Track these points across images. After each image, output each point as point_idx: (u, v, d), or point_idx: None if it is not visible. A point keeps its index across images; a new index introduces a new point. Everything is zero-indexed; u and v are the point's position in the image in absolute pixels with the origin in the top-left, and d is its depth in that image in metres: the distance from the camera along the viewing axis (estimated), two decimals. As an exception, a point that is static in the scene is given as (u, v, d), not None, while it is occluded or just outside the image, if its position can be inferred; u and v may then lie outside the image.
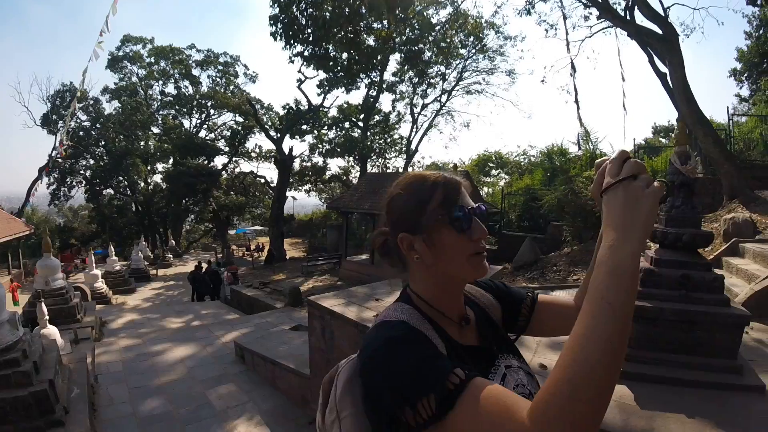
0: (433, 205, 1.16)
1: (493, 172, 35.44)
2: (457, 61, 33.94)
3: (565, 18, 18.36)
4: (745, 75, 29.28)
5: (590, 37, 18.71)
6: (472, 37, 31.25)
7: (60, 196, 40.26)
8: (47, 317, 8.52)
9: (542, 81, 21.41)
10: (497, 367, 1.19)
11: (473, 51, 33.07)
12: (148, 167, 43.62)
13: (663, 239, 4.55)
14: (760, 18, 25.03)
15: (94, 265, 18.38)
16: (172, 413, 7.22)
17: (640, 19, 14.23)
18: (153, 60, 43.78)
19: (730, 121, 15.95)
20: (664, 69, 13.69)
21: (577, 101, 18.63)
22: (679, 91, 12.72)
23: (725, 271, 7.77)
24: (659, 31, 13.31)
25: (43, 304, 8.62)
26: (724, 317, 3.99)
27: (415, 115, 36.45)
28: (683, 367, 4.01)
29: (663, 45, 13.19)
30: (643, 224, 0.88)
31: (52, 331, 8.42)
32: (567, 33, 18.42)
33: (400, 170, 34.07)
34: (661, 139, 33.68)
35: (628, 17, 14.72)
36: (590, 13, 17.56)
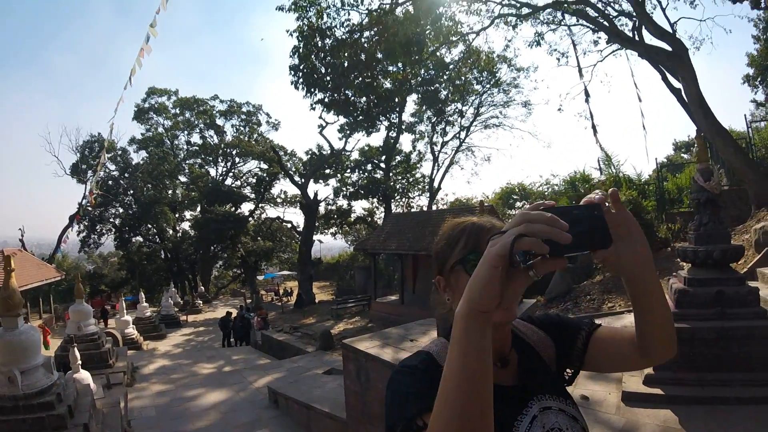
0: (458, 249, 1.22)
1: (518, 204, 35.15)
2: (473, 97, 34.23)
3: (575, 45, 18.52)
4: (759, 79, 28.71)
5: (601, 61, 18.86)
6: (485, 73, 31.52)
7: (90, 243, 41.26)
8: (80, 362, 8.58)
9: (559, 109, 21.57)
10: (529, 408, 1.17)
11: (488, 86, 33.41)
12: (176, 215, 44.53)
13: (694, 258, 4.47)
14: (765, 20, 24.72)
15: (125, 311, 18.62)
16: (206, 458, 7.13)
17: (649, 38, 14.30)
18: (178, 111, 45.25)
19: (749, 129, 15.68)
20: (677, 84, 13.67)
21: (594, 126, 18.60)
22: (695, 105, 12.62)
23: (760, 282, 7.49)
24: (669, 48, 13.31)
25: (75, 349, 8.70)
26: (762, 330, 3.87)
27: (436, 153, 36.58)
28: (725, 384, 3.89)
29: (674, 61, 13.18)
30: (470, 285, 0.88)
31: (84, 375, 8.46)
32: (578, 60, 18.54)
33: (425, 209, 34.12)
34: (682, 154, 33.10)
35: (636, 38, 14.79)
36: (599, 38, 17.70)
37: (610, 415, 4.17)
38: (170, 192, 44.88)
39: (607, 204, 0.93)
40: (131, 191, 41.95)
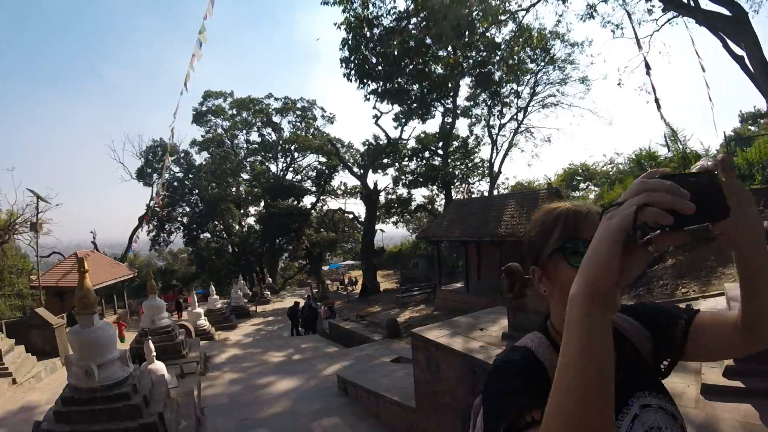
0: (555, 237, 1.16)
1: (582, 185, 34.12)
2: (528, 76, 33.18)
3: (629, 15, 17.58)
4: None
5: (657, 30, 17.75)
6: (539, 50, 30.39)
7: (160, 241, 43.21)
8: (154, 353, 8.89)
9: (618, 84, 20.60)
10: (629, 406, 1.11)
11: (542, 64, 32.23)
12: (241, 211, 45.84)
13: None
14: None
15: (196, 303, 19.34)
16: (278, 445, 7.23)
17: (705, 2, 13.43)
18: (235, 112, 46.45)
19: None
20: (740, 51, 12.76)
21: (657, 100, 17.70)
22: (760, 72, 11.79)
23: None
24: (727, 12, 12.46)
25: (150, 341, 9.01)
26: None
27: (494, 136, 35.82)
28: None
29: (734, 26, 12.34)
30: (588, 262, 0.78)
31: (159, 366, 8.75)
32: (635, 31, 17.60)
33: (486, 194, 33.60)
34: (750, 126, 31.05)
35: (692, 3, 13.91)
36: (653, 6, 16.70)
37: (689, 409, 3.93)
38: (234, 189, 46.19)
39: (716, 172, 0.81)
40: (196, 191, 43.50)
